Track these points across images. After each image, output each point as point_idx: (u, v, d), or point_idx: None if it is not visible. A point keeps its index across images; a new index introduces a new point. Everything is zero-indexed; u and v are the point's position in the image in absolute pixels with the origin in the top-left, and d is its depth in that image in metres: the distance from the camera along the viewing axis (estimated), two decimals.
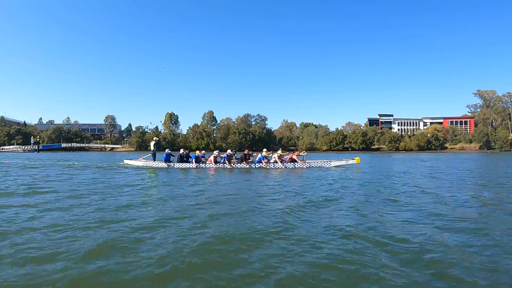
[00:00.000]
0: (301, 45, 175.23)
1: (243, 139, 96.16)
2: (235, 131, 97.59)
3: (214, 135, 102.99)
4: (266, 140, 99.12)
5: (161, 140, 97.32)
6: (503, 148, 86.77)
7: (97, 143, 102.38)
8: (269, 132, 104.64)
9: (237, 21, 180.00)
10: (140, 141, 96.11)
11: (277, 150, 18.00)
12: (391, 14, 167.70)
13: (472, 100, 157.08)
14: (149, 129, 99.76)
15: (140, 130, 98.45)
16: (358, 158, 17.35)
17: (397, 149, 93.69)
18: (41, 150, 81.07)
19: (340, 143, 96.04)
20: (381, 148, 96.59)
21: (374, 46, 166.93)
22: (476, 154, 61.67)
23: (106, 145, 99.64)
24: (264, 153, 17.01)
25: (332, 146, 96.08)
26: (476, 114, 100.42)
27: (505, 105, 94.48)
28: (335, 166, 16.83)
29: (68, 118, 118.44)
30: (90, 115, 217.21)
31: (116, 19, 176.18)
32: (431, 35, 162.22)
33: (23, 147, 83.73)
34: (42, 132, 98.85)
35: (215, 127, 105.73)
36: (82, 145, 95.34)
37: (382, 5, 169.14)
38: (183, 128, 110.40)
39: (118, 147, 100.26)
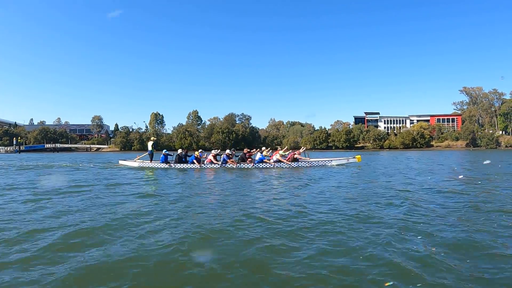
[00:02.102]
0: (288, 44, 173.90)
1: (226, 138, 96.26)
2: (219, 130, 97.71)
3: (200, 133, 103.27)
4: (249, 139, 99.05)
5: (145, 140, 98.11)
6: (488, 146, 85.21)
7: (84, 144, 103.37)
8: (253, 131, 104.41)
9: (224, 20, 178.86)
10: (124, 141, 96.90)
11: (278, 149, 17.53)
12: (376, 11, 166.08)
13: (458, 97, 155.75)
14: (133, 129, 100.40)
15: (125, 130, 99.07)
16: (359, 156, 17.21)
17: (382, 147, 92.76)
18: (23, 151, 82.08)
19: (323, 141, 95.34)
20: (365, 146, 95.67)
21: (361, 43, 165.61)
22: (454, 151, 60.87)
23: (92, 146, 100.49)
24: (264, 152, 16.59)
25: (316, 145, 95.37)
26: (462, 111, 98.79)
27: (492, 102, 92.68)
28: (337, 165, 16.55)
29: (59, 118, 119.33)
30: (82, 116, 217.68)
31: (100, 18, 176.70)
32: (418, 31, 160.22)
33: (6, 148, 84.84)
34: (29, 133, 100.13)
35: (200, 126, 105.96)
36: (66, 145, 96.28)
37: (367, 2, 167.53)
38: (170, 127, 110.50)
39: (104, 147, 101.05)
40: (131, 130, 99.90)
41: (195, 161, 16.42)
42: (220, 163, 16.20)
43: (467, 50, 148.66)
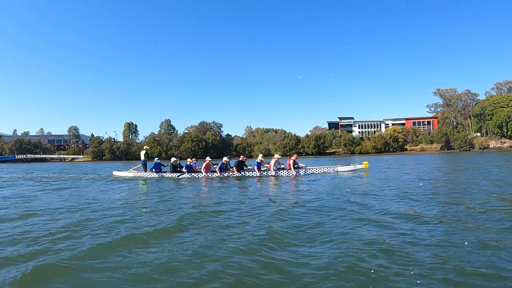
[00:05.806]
0: (265, 52, 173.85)
1: (196, 146, 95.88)
2: (189, 139, 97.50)
3: (173, 142, 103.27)
4: (220, 147, 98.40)
5: (115, 149, 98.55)
6: (462, 148, 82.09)
7: (61, 154, 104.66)
8: (224, 139, 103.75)
9: (200, 28, 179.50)
10: (96, 151, 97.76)
11: (274, 155, 16.38)
12: (350, 19, 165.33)
13: (432, 100, 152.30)
14: (105, 139, 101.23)
15: (97, 140, 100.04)
16: (366, 162, 16.54)
17: (353, 152, 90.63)
18: None
19: (293, 147, 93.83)
20: (337, 151, 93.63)
21: (342, 49, 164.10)
22: (422, 155, 58.87)
23: (66, 156, 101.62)
24: (259, 159, 15.72)
25: (286, 151, 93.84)
26: (437, 113, 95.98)
27: (466, 103, 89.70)
28: (344, 171, 15.84)
29: (42, 129, 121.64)
30: (65, 126, 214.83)
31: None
32: (391, 37, 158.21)
33: None
34: (5, 144, 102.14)
35: (173, 135, 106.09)
36: (39, 156, 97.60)
37: (340, 9, 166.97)
38: (143, 137, 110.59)
39: (78, 157, 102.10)
40: (103, 140, 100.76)
41: (184, 169, 15.67)
42: (219, 171, 15.19)
43: (441, 52, 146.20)
